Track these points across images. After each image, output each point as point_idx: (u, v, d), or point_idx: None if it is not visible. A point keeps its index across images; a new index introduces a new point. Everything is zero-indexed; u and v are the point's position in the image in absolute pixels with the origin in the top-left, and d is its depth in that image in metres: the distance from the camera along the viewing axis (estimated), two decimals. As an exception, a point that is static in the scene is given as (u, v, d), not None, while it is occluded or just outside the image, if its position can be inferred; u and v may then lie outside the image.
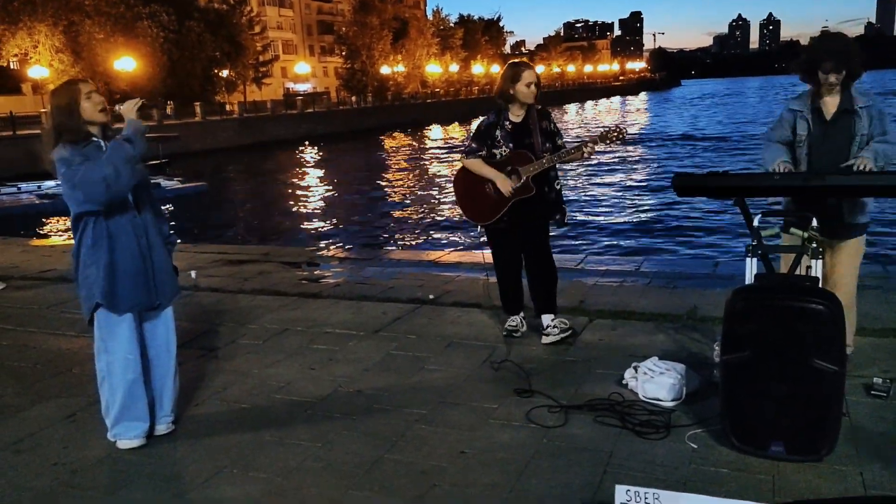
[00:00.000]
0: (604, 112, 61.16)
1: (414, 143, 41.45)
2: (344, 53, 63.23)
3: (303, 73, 66.08)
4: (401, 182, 25.57)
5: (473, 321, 5.08)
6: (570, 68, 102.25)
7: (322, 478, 3.07)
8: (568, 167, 4.40)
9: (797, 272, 3.43)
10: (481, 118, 4.69)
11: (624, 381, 3.82)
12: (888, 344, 4.32)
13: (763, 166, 3.81)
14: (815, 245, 3.41)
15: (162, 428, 3.48)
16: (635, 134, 39.27)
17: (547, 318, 4.55)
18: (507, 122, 4.41)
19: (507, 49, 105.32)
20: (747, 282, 3.38)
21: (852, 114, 3.64)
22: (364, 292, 6.01)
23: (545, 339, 4.49)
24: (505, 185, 4.33)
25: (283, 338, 4.92)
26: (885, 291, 5.35)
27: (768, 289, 3.11)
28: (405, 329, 4.99)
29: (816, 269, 3.36)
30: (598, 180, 21.32)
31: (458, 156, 5.04)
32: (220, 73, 47.86)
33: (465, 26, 79.49)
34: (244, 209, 21.41)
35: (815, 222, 3.47)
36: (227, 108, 44.62)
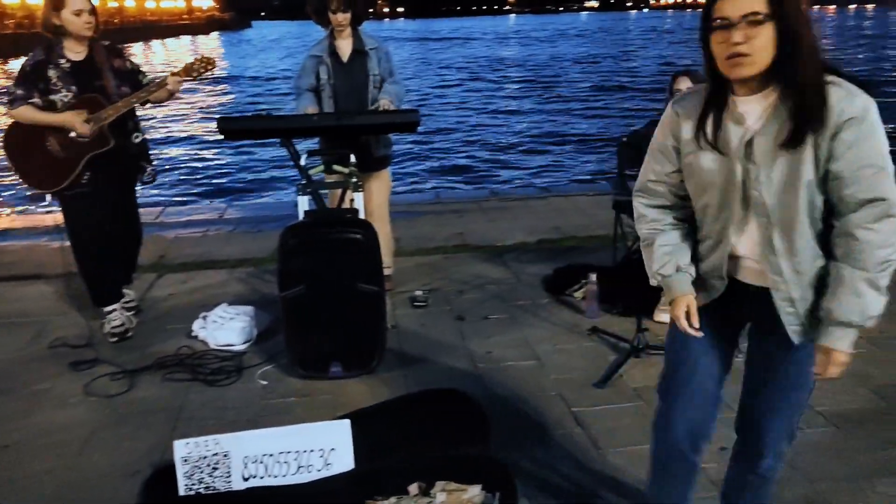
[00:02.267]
0: (177, 52, 57.70)
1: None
2: None
3: None
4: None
5: (20, 296, 4.44)
6: (130, 3, 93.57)
7: None
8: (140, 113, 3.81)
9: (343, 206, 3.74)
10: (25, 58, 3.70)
11: (194, 333, 3.76)
12: (432, 260, 5.02)
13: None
14: (355, 180, 3.76)
15: None
16: (216, 76, 38.03)
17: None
18: (63, 61, 3.57)
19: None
20: (301, 219, 3.57)
21: (364, 54, 4.06)
22: None
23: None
24: (79, 123, 3.47)
25: None
26: (437, 215, 6.20)
27: (315, 224, 3.32)
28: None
29: (358, 201, 3.71)
30: (173, 124, 20.19)
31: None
32: None
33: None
34: None
35: (353, 158, 3.82)
36: None
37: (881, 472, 2.54)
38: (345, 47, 4.06)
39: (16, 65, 41.27)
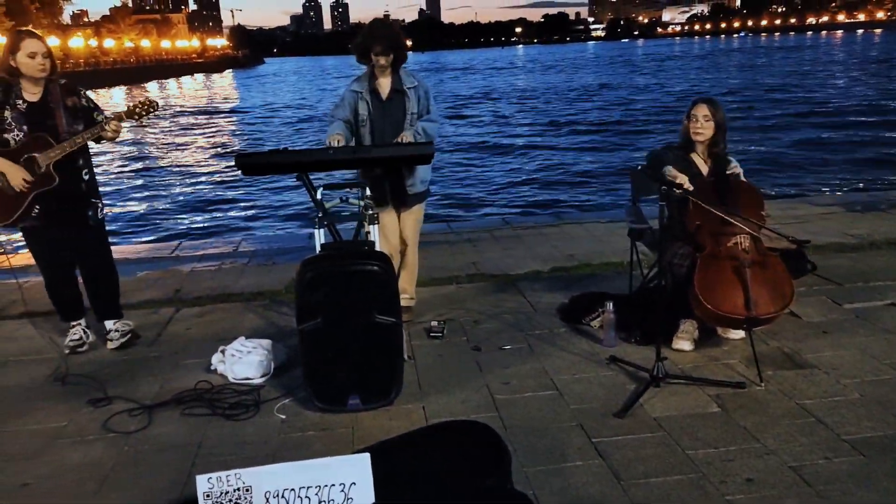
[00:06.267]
0: (191, 90, 58.85)
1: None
2: None
3: None
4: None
5: (32, 334, 4.46)
6: (145, 43, 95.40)
7: None
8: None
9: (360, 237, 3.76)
10: None
11: (212, 367, 3.76)
12: (446, 290, 5.02)
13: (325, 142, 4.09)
14: (371, 212, 3.78)
15: None
16: (227, 109, 38.65)
17: (109, 324, 4.20)
18: (21, 101, 3.75)
19: (67, 20, 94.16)
20: (317, 251, 3.59)
21: (403, 94, 4.16)
22: None
23: (110, 345, 4.18)
24: (16, 176, 3.69)
25: None
26: (450, 245, 6.21)
27: (332, 256, 3.33)
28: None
29: (374, 233, 3.73)
30: (187, 159, 20.47)
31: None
32: None
33: (10, -9, 67.86)
34: None
35: (368, 191, 3.85)
36: None
37: (911, 500, 2.49)
38: (385, 86, 4.17)
39: None
